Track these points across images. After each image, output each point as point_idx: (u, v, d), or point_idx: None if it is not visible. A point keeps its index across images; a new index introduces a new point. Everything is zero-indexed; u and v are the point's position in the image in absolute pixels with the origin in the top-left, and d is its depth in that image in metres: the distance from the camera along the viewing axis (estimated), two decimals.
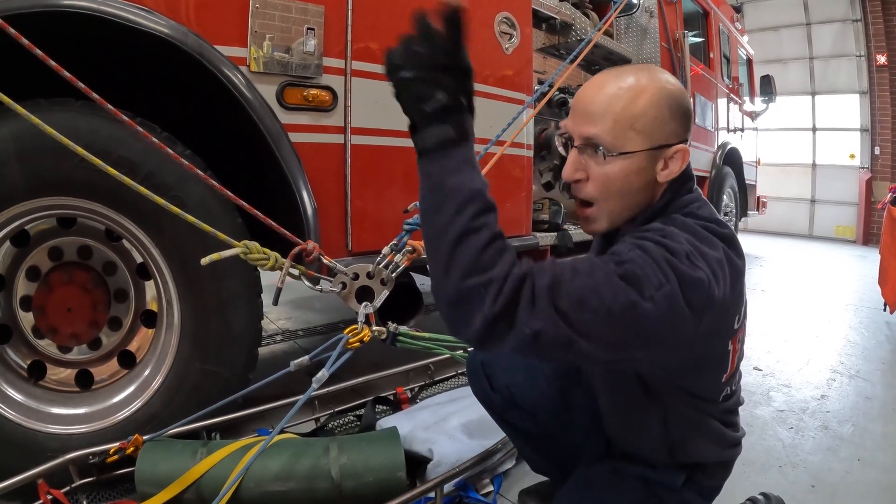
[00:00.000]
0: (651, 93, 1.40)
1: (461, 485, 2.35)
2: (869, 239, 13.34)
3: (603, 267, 1.20)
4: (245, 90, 2.45)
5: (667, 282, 1.18)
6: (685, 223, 1.36)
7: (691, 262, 1.22)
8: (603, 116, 1.39)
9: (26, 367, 2.39)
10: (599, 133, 1.39)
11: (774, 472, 2.72)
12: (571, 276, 1.17)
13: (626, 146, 1.39)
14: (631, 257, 1.22)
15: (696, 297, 1.21)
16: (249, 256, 1.84)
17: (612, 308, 1.15)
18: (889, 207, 5.51)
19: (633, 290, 1.16)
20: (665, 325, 1.20)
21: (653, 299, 1.16)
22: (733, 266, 1.33)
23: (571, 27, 4.68)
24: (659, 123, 1.40)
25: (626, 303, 1.15)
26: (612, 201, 1.45)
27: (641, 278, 1.17)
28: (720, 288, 1.26)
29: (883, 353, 4.76)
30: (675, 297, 1.18)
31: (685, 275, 1.20)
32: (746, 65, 9.62)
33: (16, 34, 1.52)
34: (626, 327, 1.18)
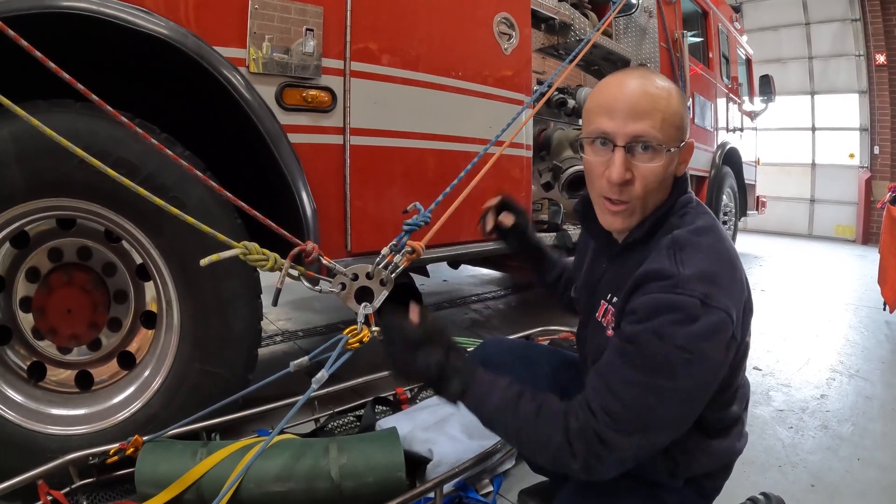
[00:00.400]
0: (677, 93, 1.50)
1: (461, 485, 2.35)
2: (868, 238, 13.33)
3: (632, 375, 1.33)
4: (244, 91, 2.46)
5: (691, 354, 1.29)
6: (691, 243, 1.43)
7: (706, 306, 1.31)
8: (651, 114, 1.44)
9: (26, 369, 2.39)
10: (649, 130, 1.44)
11: (774, 471, 2.72)
12: (612, 399, 1.34)
13: (672, 141, 1.47)
14: (653, 350, 1.31)
15: (722, 336, 1.33)
16: (249, 257, 1.83)
17: (658, 406, 1.32)
18: (888, 207, 5.51)
19: (666, 381, 1.31)
20: (708, 378, 1.36)
21: (688, 375, 1.31)
22: (735, 266, 1.44)
23: (570, 27, 4.68)
24: (685, 121, 1.52)
25: (666, 393, 1.32)
26: (650, 198, 1.52)
27: (664, 365, 1.30)
28: (737, 299, 1.38)
29: (882, 353, 4.77)
30: (703, 358, 1.31)
31: (705, 332, 1.30)
32: (745, 64, 9.62)
33: (15, 36, 1.52)
34: (678, 405, 1.36)
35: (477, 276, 7.55)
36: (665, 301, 1.32)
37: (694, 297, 1.30)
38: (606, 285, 1.65)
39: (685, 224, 1.49)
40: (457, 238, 3.47)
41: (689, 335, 1.28)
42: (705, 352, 1.30)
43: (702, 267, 1.35)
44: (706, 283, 1.32)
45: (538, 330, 3.85)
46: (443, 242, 3.35)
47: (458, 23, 3.43)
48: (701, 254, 1.39)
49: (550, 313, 5.16)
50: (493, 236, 2.24)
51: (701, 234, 1.44)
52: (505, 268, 5.17)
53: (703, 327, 1.29)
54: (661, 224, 1.54)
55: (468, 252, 3.56)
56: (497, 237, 2.25)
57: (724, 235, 1.50)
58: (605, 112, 1.49)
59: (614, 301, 1.56)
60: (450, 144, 3.37)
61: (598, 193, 1.56)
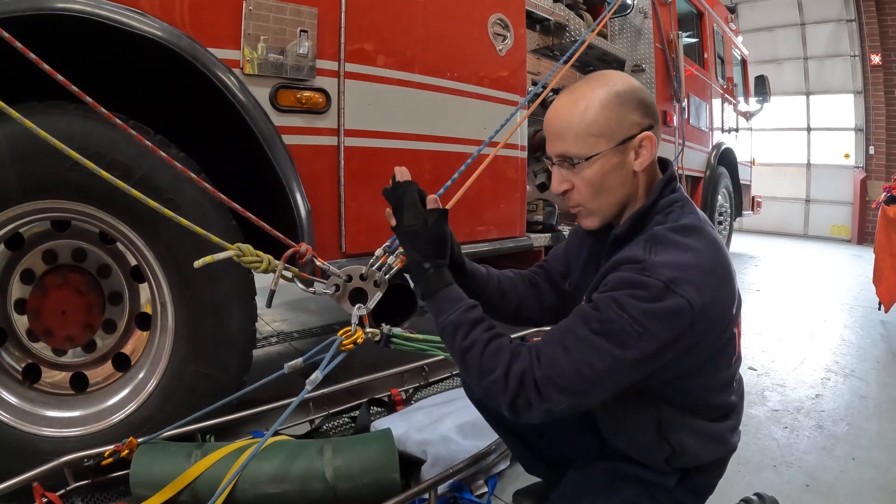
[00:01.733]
0: (598, 98, 1.55)
1: (455, 486, 2.35)
2: (864, 238, 13.36)
3: (588, 336, 1.41)
4: (238, 92, 2.46)
5: (644, 329, 1.35)
6: (667, 239, 1.47)
7: (670, 290, 1.36)
8: (564, 134, 1.57)
9: (21, 371, 2.39)
10: (567, 147, 1.57)
11: (769, 471, 2.73)
12: (563, 354, 1.42)
13: (592, 150, 1.54)
14: (609, 316, 1.39)
15: (680, 320, 1.37)
16: (243, 259, 1.84)
17: (602, 370, 1.39)
18: (883, 207, 5.52)
19: (615, 347, 1.37)
20: (653, 357, 1.39)
21: (636, 348, 1.36)
22: (720, 267, 1.46)
23: (565, 28, 4.68)
24: (615, 122, 1.54)
25: (612, 360, 1.38)
26: (598, 200, 1.60)
27: (620, 333, 1.37)
28: (706, 295, 1.39)
29: (878, 352, 4.77)
30: (656, 335, 1.36)
31: (664, 310, 1.36)
32: (741, 65, 9.64)
33: (9, 37, 1.52)
34: (620, 375, 1.41)
35: None
36: (631, 278, 1.40)
37: (659, 281, 1.36)
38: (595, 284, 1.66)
39: (669, 221, 1.52)
40: None
41: (646, 311, 1.35)
42: (657, 331, 1.36)
43: (673, 258, 1.41)
44: (673, 271, 1.38)
45: (533, 331, 3.84)
46: None
47: (453, 24, 3.43)
48: (676, 248, 1.44)
49: None
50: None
51: (681, 233, 1.48)
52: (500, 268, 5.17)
53: (661, 308, 1.35)
54: (643, 221, 1.58)
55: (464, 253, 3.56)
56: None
57: (710, 235, 1.52)
58: (545, 135, 1.65)
59: None
60: (444, 145, 3.38)
61: None
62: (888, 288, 5.47)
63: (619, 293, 1.39)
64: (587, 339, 1.40)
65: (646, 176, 1.61)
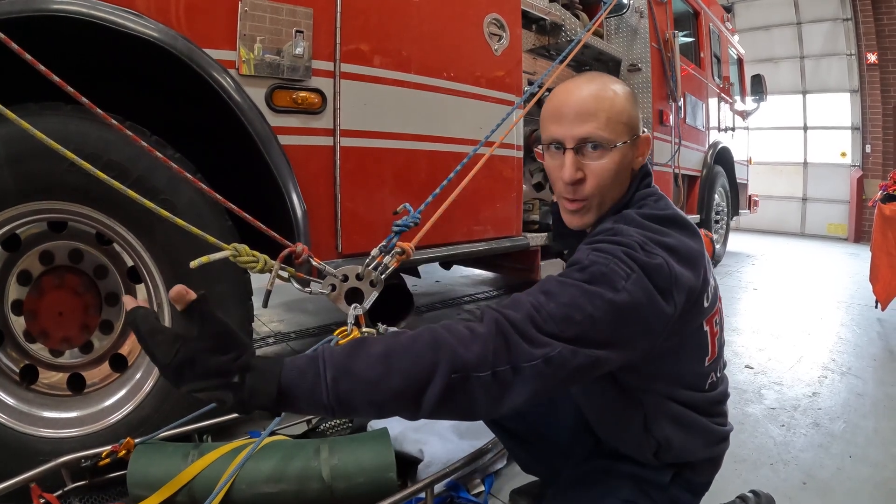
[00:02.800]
0: (624, 92, 1.57)
1: (452, 485, 2.35)
2: (860, 236, 13.40)
3: (570, 281, 1.30)
4: (234, 93, 2.46)
5: (632, 271, 1.29)
6: (632, 218, 1.48)
7: (646, 251, 1.34)
8: (596, 115, 1.51)
9: (18, 371, 2.39)
10: (595, 130, 1.51)
11: (766, 469, 2.73)
12: (546, 299, 1.25)
13: (619, 138, 1.53)
14: (592, 259, 1.32)
15: (660, 280, 1.32)
16: (239, 259, 1.84)
17: (593, 313, 1.23)
18: (879, 205, 5.52)
19: (605, 289, 1.26)
20: (643, 309, 1.29)
21: (626, 289, 1.27)
22: (688, 248, 1.45)
23: (561, 28, 4.69)
24: (635, 116, 1.57)
25: (603, 302, 1.24)
26: (605, 194, 1.58)
27: (608, 274, 1.28)
28: (679, 269, 1.37)
29: (874, 350, 4.78)
30: (643, 282, 1.29)
31: (645, 263, 1.31)
32: (737, 64, 9.65)
33: (5, 38, 1.52)
34: (613, 323, 1.26)
35: (469, 277, 7.55)
36: (605, 239, 1.40)
37: (634, 241, 1.36)
38: None
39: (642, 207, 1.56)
40: (447, 239, 3.48)
41: (629, 255, 1.32)
42: (642, 278, 1.29)
43: (642, 230, 1.42)
44: (645, 238, 1.38)
45: None
46: (433, 243, 3.36)
47: (449, 24, 3.44)
48: (644, 222, 1.45)
49: None
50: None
51: (650, 220, 1.48)
52: (497, 268, 5.17)
53: (642, 258, 1.32)
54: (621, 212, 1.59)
55: (459, 252, 3.57)
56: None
57: (683, 225, 1.53)
58: (556, 118, 1.57)
59: None
60: (440, 145, 3.38)
61: (559, 195, 1.64)
62: (885, 286, 5.48)
63: (596, 245, 1.38)
64: (572, 284, 1.28)
65: (634, 179, 1.63)
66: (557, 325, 1.20)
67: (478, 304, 6.06)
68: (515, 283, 6.94)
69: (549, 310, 1.22)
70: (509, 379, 1.16)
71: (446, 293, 6.57)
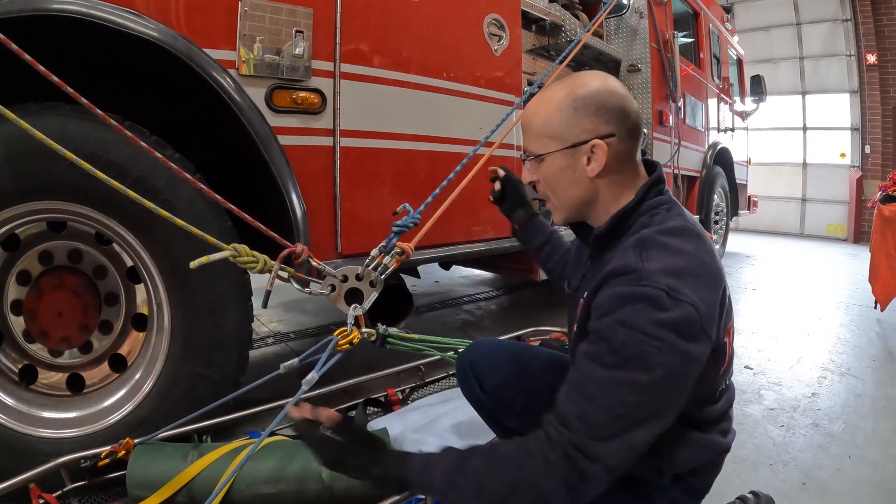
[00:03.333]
0: (559, 100, 1.58)
1: None
2: (860, 237, 13.39)
3: (606, 374, 1.32)
4: (234, 93, 2.46)
5: (662, 342, 1.29)
6: (656, 242, 1.44)
7: (673, 298, 1.32)
8: (527, 130, 1.66)
9: (17, 372, 2.39)
10: (528, 144, 1.67)
11: (765, 469, 2.73)
12: (590, 405, 1.33)
13: (544, 149, 1.62)
14: (620, 341, 1.31)
15: (692, 330, 1.32)
16: (238, 259, 1.84)
17: (636, 402, 1.31)
18: (879, 206, 5.53)
19: (640, 373, 1.30)
20: (681, 372, 1.34)
21: (660, 365, 1.29)
22: (710, 270, 1.44)
23: (561, 28, 4.69)
24: (565, 126, 1.57)
25: (642, 387, 1.30)
26: (557, 195, 1.67)
27: (639, 356, 1.29)
28: (704, 297, 1.37)
29: (873, 351, 4.79)
30: (675, 346, 1.30)
31: (675, 320, 1.30)
32: (737, 65, 9.65)
33: (4, 39, 1.52)
34: (657, 399, 1.34)
35: (468, 277, 7.56)
36: (630, 292, 1.34)
37: (658, 290, 1.32)
38: (585, 285, 1.67)
39: (655, 223, 1.51)
40: (447, 239, 3.48)
41: (656, 321, 1.29)
42: (674, 341, 1.30)
43: (666, 263, 1.37)
44: (670, 277, 1.34)
45: (530, 330, 3.85)
46: (433, 243, 3.35)
47: (448, 24, 3.43)
48: (667, 252, 1.41)
49: (542, 314, 5.17)
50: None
51: (669, 235, 1.46)
52: (496, 268, 5.17)
53: (670, 316, 1.30)
54: (625, 221, 1.58)
55: (458, 253, 3.57)
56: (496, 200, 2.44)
57: (698, 236, 1.50)
58: None
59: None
60: (440, 146, 3.38)
61: None
62: (884, 286, 5.49)
63: (621, 313, 1.34)
64: (607, 378, 1.32)
65: (608, 181, 1.59)
66: (609, 427, 1.31)
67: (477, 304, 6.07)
68: (515, 283, 6.94)
69: (596, 418, 1.31)
70: (584, 489, 1.34)
71: (446, 293, 6.57)
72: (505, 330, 4.09)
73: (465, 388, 2.10)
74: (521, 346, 2.31)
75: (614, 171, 1.58)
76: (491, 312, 5.82)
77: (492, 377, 2.01)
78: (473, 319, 5.52)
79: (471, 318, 5.56)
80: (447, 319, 5.46)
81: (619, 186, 1.60)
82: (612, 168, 1.56)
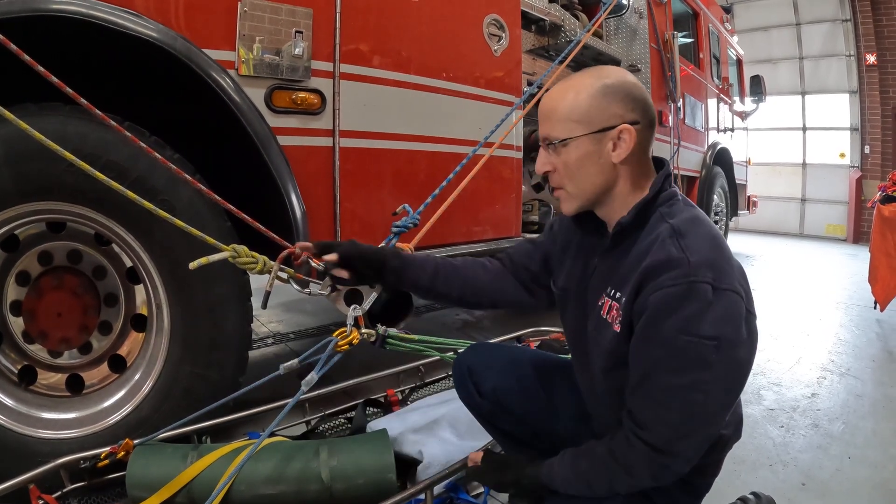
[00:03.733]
0: (584, 88, 1.59)
1: (451, 486, 2.35)
2: (859, 237, 13.39)
3: (672, 381, 1.42)
4: (233, 94, 2.46)
5: (718, 340, 1.38)
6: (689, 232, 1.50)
7: (719, 290, 1.40)
8: (550, 116, 1.63)
9: (17, 372, 2.39)
10: (551, 130, 1.63)
11: (765, 470, 2.74)
12: (665, 411, 1.45)
13: (569, 134, 1.59)
14: (679, 346, 1.39)
15: (739, 314, 1.43)
16: (238, 260, 1.84)
17: (707, 399, 1.42)
18: (878, 206, 5.54)
19: (702, 372, 1.40)
20: (737, 359, 1.43)
21: (717, 361, 1.39)
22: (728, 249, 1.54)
23: (561, 28, 4.68)
24: (596, 110, 1.57)
25: (706, 385, 1.41)
26: (575, 183, 1.65)
27: (698, 358, 1.39)
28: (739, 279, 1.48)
29: (873, 351, 4.79)
30: (732, 340, 1.40)
31: (724, 314, 1.40)
32: (736, 65, 9.65)
33: (4, 39, 1.52)
34: (723, 391, 1.45)
35: None
36: (681, 292, 1.40)
37: (706, 283, 1.39)
38: (602, 279, 1.67)
39: (676, 213, 1.56)
40: (447, 239, 3.47)
41: (710, 322, 1.37)
42: (728, 334, 1.39)
43: (705, 253, 1.43)
44: (712, 267, 1.41)
45: (529, 331, 3.85)
46: (433, 244, 3.35)
47: (448, 25, 3.43)
48: (701, 240, 1.47)
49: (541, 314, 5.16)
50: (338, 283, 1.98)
51: (696, 224, 1.52)
52: None
53: (720, 311, 1.38)
54: (647, 211, 1.60)
55: (458, 253, 3.56)
56: (350, 281, 1.93)
57: (712, 224, 1.59)
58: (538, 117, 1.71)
59: (617, 296, 1.57)
60: (440, 146, 3.38)
61: None
62: (884, 287, 5.50)
63: (676, 318, 1.39)
64: (674, 384, 1.42)
65: (629, 169, 1.61)
66: (685, 426, 1.45)
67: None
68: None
69: (671, 420, 1.44)
70: (668, 477, 1.53)
71: None
72: (504, 330, 4.10)
73: (463, 392, 2.10)
74: (519, 349, 2.31)
75: (635, 160, 1.61)
76: (490, 313, 5.80)
77: (489, 382, 2.01)
78: (473, 320, 5.52)
79: (470, 318, 5.56)
80: (447, 320, 5.46)
81: (637, 177, 1.63)
82: (635, 157, 1.60)
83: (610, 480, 1.56)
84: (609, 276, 1.64)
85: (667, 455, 1.45)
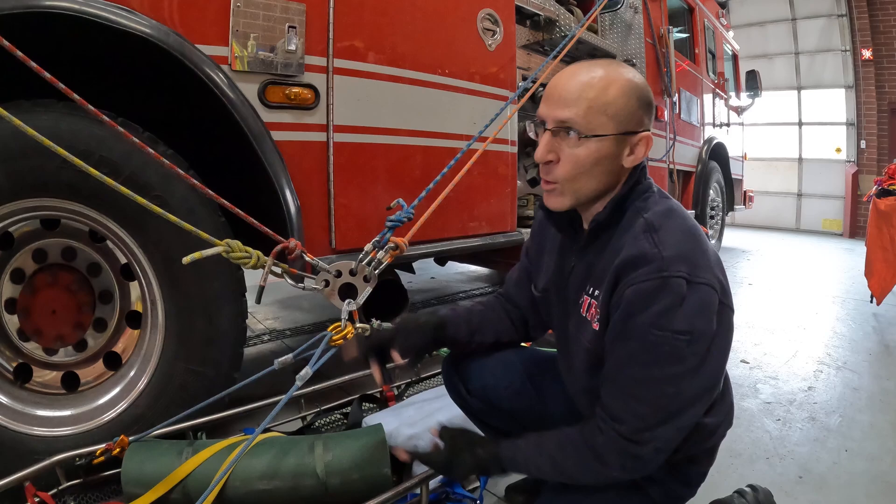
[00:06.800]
0: (621, 83, 1.51)
1: (447, 481, 2.35)
2: (855, 232, 13.43)
3: (645, 373, 1.44)
4: (227, 89, 2.45)
5: (691, 334, 1.39)
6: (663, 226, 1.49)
7: (693, 283, 1.41)
8: (577, 101, 1.49)
9: (12, 370, 2.38)
10: (574, 116, 1.49)
11: (762, 463, 2.74)
12: (635, 401, 1.46)
13: (597, 129, 1.50)
14: (651, 340, 1.40)
15: (713, 307, 1.43)
16: (231, 255, 1.84)
17: (675, 392, 1.44)
18: (875, 200, 5.55)
19: (674, 366, 1.41)
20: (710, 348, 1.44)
21: (693, 354, 1.41)
22: (705, 240, 1.53)
23: (555, 23, 4.67)
24: (627, 111, 1.51)
25: (678, 378, 1.43)
26: (579, 182, 1.56)
27: (671, 353, 1.40)
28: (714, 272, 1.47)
29: (869, 345, 4.80)
30: (704, 333, 1.42)
31: (698, 308, 1.40)
32: (732, 60, 9.67)
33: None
34: (695, 383, 1.47)
35: (464, 273, 7.56)
36: (654, 287, 1.40)
37: (679, 277, 1.39)
38: (580, 278, 1.66)
39: (650, 206, 1.55)
40: (441, 234, 3.47)
41: (682, 317, 1.38)
42: (701, 328, 1.40)
43: (679, 247, 1.43)
44: (685, 261, 1.40)
45: None
46: (427, 238, 3.35)
47: (442, 19, 3.42)
48: (674, 233, 1.46)
49: None
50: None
51: (670, 217, 1.51)
52: (492, 264, 5.17)
53: (693, 305, 1.39)
54: (622, 208, 1.58)
55: (453, 248, 3.57)
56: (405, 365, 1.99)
57: (688, 215, 1.58)
58: (546, 98, 1.57)
59: (596, 294, 1.57)
60: (434, 141, 3.38)
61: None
62: (880, 281, 5.50)
63: (649, 313, 1.39)
64: (646, 377, 1.43)
65: (628, 173, 1.59)
66: (655, 417, 1.46)
67: (473, 300, 6.06)
68: None
69: (642, 412, 1.45)
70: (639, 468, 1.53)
71: (441, 289, 6.57)
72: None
73: (451, 390, 2.12)
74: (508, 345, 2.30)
75: (638, 165, 1.59)
76: None
77: (478, 379, 2.02)
78: None
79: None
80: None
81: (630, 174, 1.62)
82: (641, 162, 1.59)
83: (578, 464, 1.56)
84: (588, 274, 1.64)
85: (637, 444, 1.46)
